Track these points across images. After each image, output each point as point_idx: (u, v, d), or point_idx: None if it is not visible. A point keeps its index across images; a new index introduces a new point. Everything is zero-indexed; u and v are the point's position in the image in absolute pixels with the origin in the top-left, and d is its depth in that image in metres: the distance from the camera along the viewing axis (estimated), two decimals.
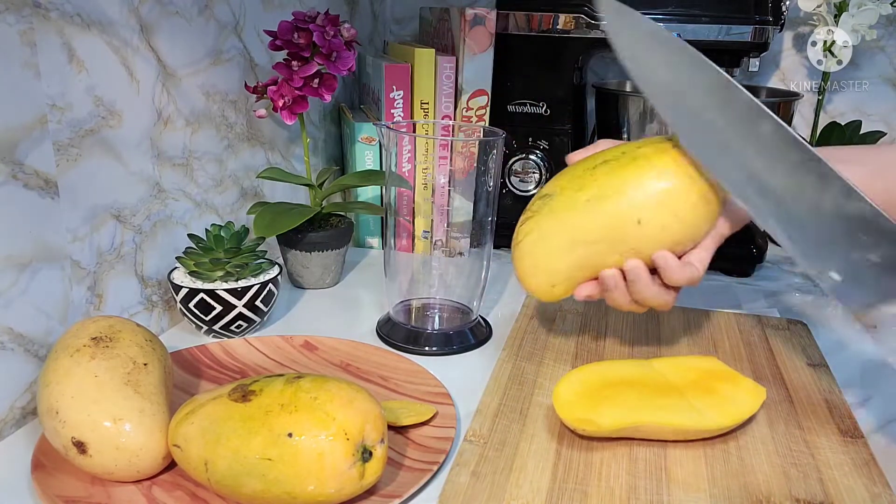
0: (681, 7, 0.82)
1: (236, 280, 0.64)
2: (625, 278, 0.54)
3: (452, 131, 0.82)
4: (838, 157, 0.50)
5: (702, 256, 0.53)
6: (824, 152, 0.50)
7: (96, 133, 0.56)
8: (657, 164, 0.52)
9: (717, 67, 0.49)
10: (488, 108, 0.86)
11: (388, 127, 0.65)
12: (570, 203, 0.54)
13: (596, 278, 0.55)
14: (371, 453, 0.42)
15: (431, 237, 0.78)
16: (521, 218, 0.57)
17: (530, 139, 0.91)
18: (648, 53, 0.52)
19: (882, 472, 0.47)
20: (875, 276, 0.46)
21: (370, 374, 0.59)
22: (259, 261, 0.66)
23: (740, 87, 0.49)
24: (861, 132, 0.95)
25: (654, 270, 0.53)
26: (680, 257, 0.53)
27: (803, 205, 0.47)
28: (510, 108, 0.91)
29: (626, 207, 0.51)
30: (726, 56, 0.85)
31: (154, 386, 0.46)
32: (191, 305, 0.62)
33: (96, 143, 0.56)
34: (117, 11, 0.56)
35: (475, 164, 0.66)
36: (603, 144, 0.58)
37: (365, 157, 0.88)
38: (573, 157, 0.58)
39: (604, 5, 0.53)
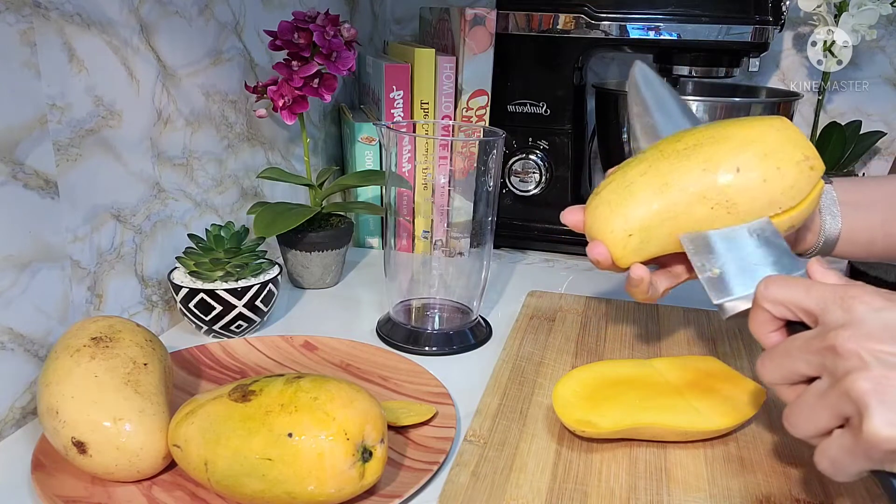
0: (681, 7, 0.82)
1: (236, 280, 0.64)
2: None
3: (452, 131, 0.82)
4: (851, 201, 0.53)
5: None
6: (841, 190, 0.54)
7: (96, 133, 0.56)
8: (766, 120, 0.50)
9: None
10: (488, 108, 0.86)
11: (388, 127, 0.65)
12: (664, 152, 0.50)
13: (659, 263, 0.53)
14: (371, 453, 0.42)
15: (431, 237, 0.78)
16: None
17: (530, 139, 0.91)
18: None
19: None
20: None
21: (370, 374, 0.59)
22: (259, 261, 0.66)
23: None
24: (861, 132, 0.95)
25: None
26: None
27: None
28: (510, 108, 0.91)
29: (727, 153, 0.49)
30: (726, 56, 0.85)
31: (154, 386, 0.46)
32: (191, 305, 0.62)
33: (96, 143, 0.56)
34: (117, 11, 0.56)
35: (475, 164, 0.66)
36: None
37: (365, 157, 0.88)
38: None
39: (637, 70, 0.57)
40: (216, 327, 0.64)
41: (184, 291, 0.62)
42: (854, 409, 0.35)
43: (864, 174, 0.96)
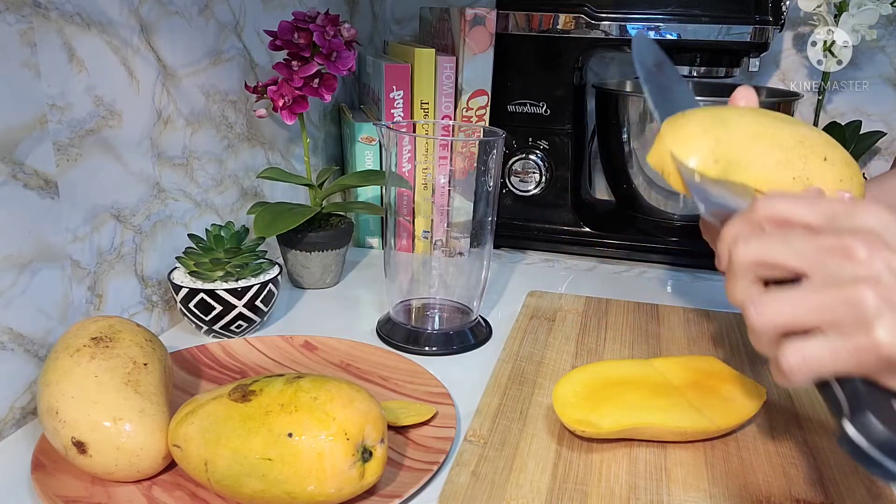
0: (681, 7, 0.82)
1: (236, 280, 0.64)
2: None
3: (452, 131, 0.82)
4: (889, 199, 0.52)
5: None
6: (875, 189, 0.51)
7: (96, 133, 0.56)
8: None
9: None
10: (488, 108, 0.86)
11: (388, 127, 0.65)
12: (762, 112, 0.52)
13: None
14: (371, 453, 0.42)
15: (431, 237, 0.78)
16: None
17: (530, 139, 0.91)
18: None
19: None
20: None
21: (370, 374, 0.59)
22: (259, 261, 0.66)
23: None
24: (861, 132, 0.95)
25: None
26: None
27: None
28: (510, 108, 0.91)
29: (824, 142, 0.50)
30: (726, 56, 0.85)
31: (154, 386, 0.46)
32: (191, 305, 0.62)
33: (96, 143, 0.56)
34: (117, 11, 0.56)
35: (475, 164, 0.66)
36: None
37: (365, 157, 0.88)
38: None
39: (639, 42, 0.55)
40: (216, 327, 0.64)
41: (184, 291, 0.62)
42: (852, 314, 0.33)
43: (864, 175, 0.95)
